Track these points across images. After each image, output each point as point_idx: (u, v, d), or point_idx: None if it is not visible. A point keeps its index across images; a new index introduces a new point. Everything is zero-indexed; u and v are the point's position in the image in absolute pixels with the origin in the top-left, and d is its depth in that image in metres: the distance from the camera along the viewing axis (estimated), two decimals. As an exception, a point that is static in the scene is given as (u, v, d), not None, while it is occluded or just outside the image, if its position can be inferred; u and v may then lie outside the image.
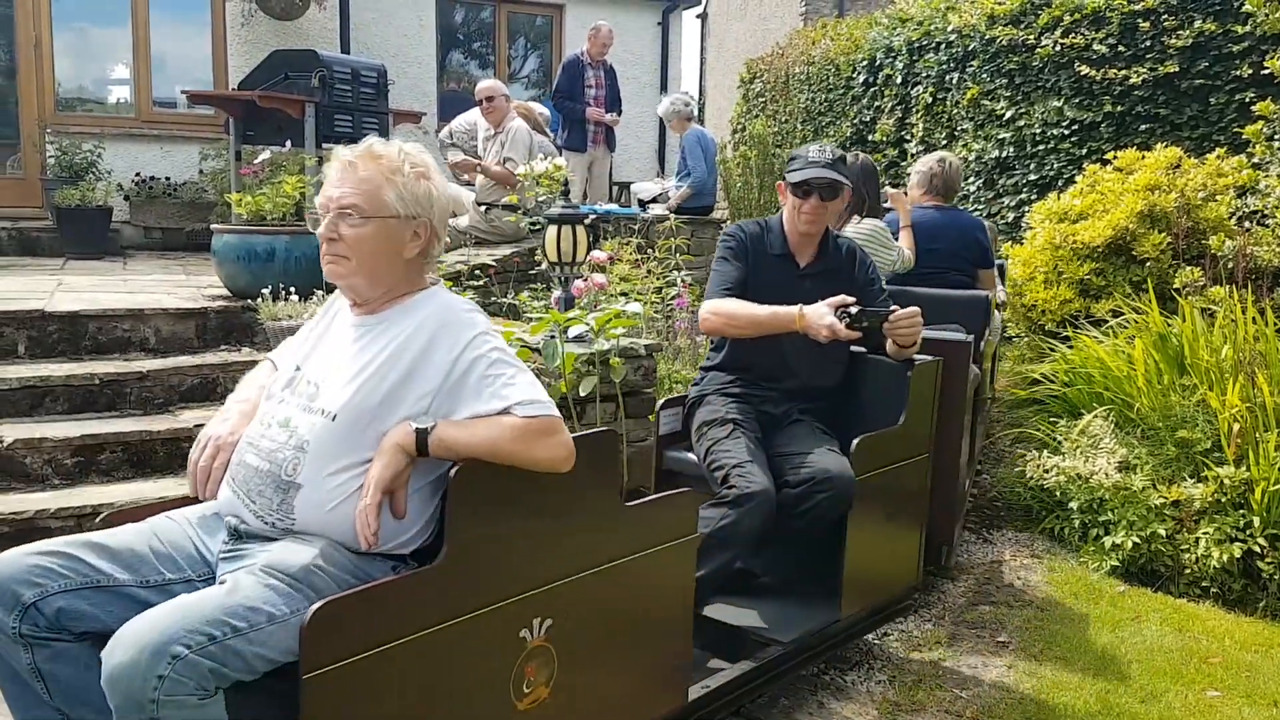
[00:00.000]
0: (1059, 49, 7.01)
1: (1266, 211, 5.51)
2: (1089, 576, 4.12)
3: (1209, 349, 4.45)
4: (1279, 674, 3.36)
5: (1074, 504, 4.33)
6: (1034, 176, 7.19)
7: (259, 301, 4.98)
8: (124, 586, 1.90)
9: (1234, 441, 4.05)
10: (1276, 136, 5.77)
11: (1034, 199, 6.95)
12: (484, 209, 7.25)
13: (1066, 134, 7.00)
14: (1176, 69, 6.47)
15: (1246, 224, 5.55)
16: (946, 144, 7.93)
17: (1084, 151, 6.89)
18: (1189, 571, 3.99)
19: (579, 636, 2.15)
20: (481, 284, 5.89)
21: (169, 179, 8.94)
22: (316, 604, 1.70)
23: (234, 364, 4.95)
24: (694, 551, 2.48)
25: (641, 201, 9.10)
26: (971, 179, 7.65)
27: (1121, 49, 6.75)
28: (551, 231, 4.99)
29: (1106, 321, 5.17)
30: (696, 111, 9.29)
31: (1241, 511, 3.96)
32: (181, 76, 9.48)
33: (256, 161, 6.30)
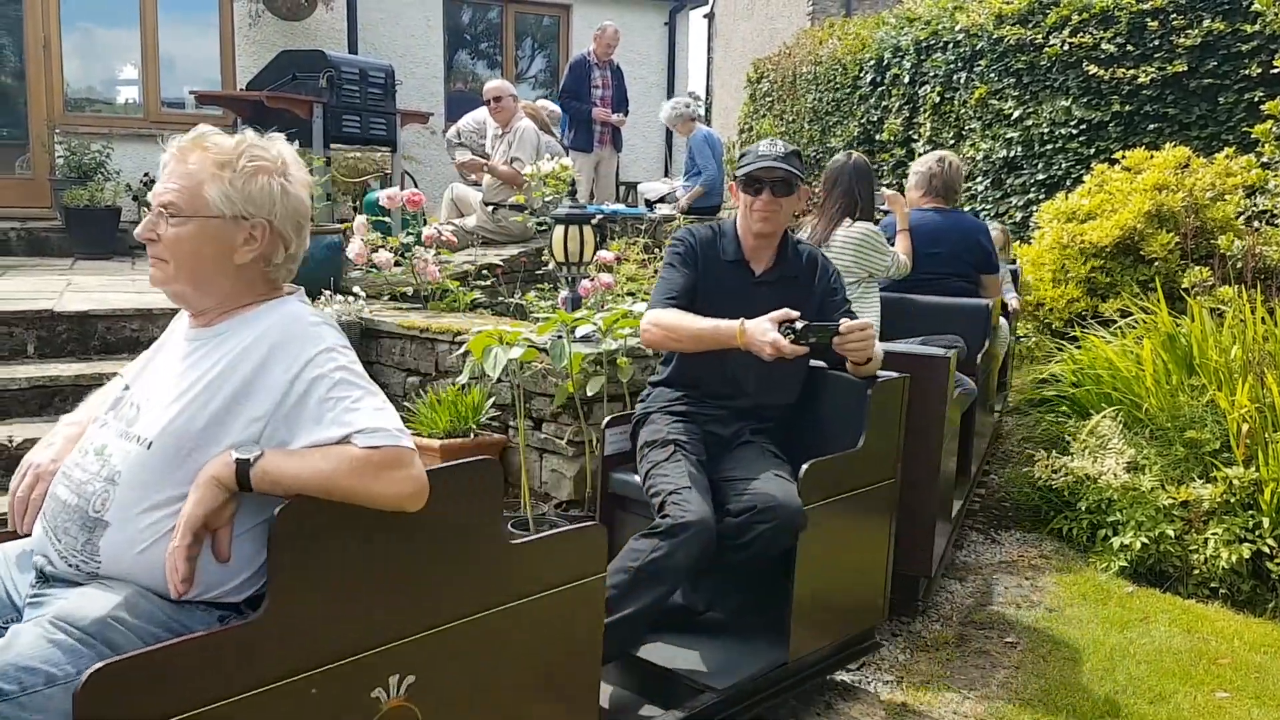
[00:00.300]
0: (1067, 48, 6.99)
1: (1275, 211, 5.50)
2: (1097, 577, 4.11)
3: (1218, 349, 4.43)
4: (1288, 675, 3.35)
5: (1082, 504, 4.32)
6: (1042, 176, 7.18)
7: (267, 301, 4.98)
8: None
9: (1243, 442, 4.04)
10: (1286, 136, 5.76)
11: (1042, 198, 6.94)
12: (491, 209, 7.26)
13: (1074, 133, 6.99)
14: (1185, 68, 6.46)
15: (1255, 223, 5.54)
16: (954, 143, 7.92)
17: (1092, 151, 6.88)
18: (1198, 572, 3.98)
19: (452, 694, 1.89)
20: (489, 284, 5.90)
21: (177, 179, 8.95)
22: (94, 666, 1.41)
23: (242, 364, 4.95)
24: (602, 593, 2.19)
25: (648, 201, 9.11)
26: (979, 178, 7.64)
27: (1130, 48, 6.74)
28: (559, 231, 5.00)
29: (1114, 321, 5.16)
30: (702, 111, 9.29)
31: (1250, 512, 3.94)
32: (189, 77, 9.50)
33: (264, 162, 6.30)
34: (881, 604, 3.23)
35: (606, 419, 3.21)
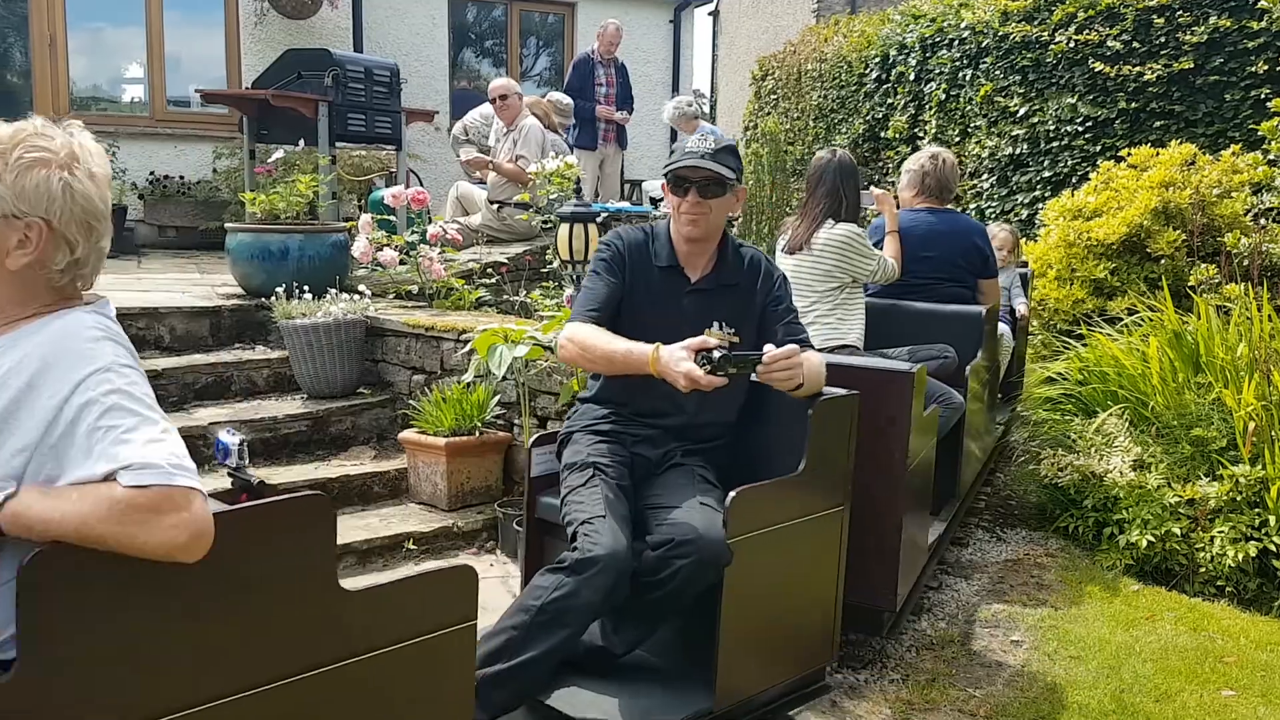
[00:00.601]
0: (1073, 45, 6.98)
1: (1282, 208, 5.48)
2: (1103, 575, 4.11)
3: (1224, 347, 4.42)
4: (1295, 674, 3.35)
5: (1088, 502, 4.31)
6: (1048, 173, 7.17)
7: (273, 300, 5.01)
8: None
9: (1249, 440, 4.03)
10: (1293, 133, 5.74)
11: (1048, 196, 6.93)
12: (496, 207, 7.27)
13: (1080, 131, 6.98)
14: (1191, 65, 6.44)
15: (1262, 221, 5.52)
16: (960, 141, 7.90)
17: (1098, 148, 6.87)
18: (1204, 570, 3.97)
19: None
20: (494, 282, 5.90)
21: (183, 178, 8.98)
22: None
23: (248, 362, 4.98)
24: (472, 645, 1.93)
25: (653, 199, 9.11)
26: (985, 176, 7.63)
27: (1136, 45, 6.72)
28: (564, 229, 5.01)
29: (1121, 319, 5.15)
30: (707, 108, 9.29)
31: (1257, 510, 3.93)
32: (195, 75, 9.52)
33: (270, 160, 6.33)
34: (831, 643, 2.95)
35: (533, 438, 2.96)
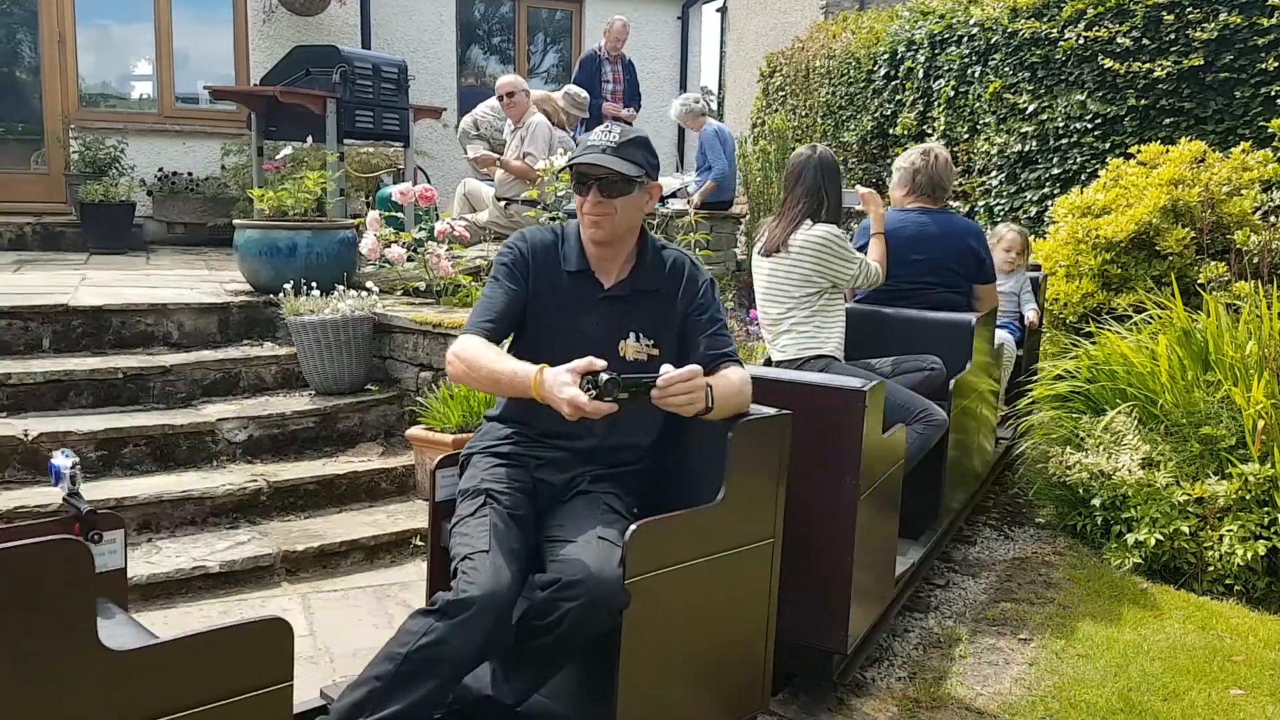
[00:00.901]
0: (1082, 42, 6.95)
1: (1292, 206, 5.46)
2: (1111, 574, 4.10)
3: (1233, 345, 4.40)
4: (1304, 673, 3.33)
5: (1096, 501, 4.30)
6: (1057, 170, 7.15)
7: (281, 296, 5.02)
8: None
9: (1258, 438, 4.02)
10: (1303, 130, 5.72)
11: (1057, 193, 6.90)
12: (503, 204, 7.27)
13: (1090, 128, 6.95)
14: (1201, 62, 6.41)
15: (1272, 218, 5.51)
16: (969, 138, 7.89)
17: (1107, 145, 6.85)
18: (1212, 569, 3.96)
19: None
20: (501, 279, 5.90)
21: (191, 174, 9.00)
22: None
23: (256, 359, 4.99)
24: (284, 713, 1.69)
25: (661, 197, 9.09)
26: (994, 173, 7.61)
27: (1145, 42, 6.69)
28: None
29: (1129, 317, 5.13)
30: (714, 105, 9.28)
31: (1266, 509, 3.92)
32: (204, 72, 9.54)
33: (278, 157, 6.34)
34: (761, 690, 2.70)
35: (437, 459, 2.68)
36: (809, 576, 2.83)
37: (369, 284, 5.24)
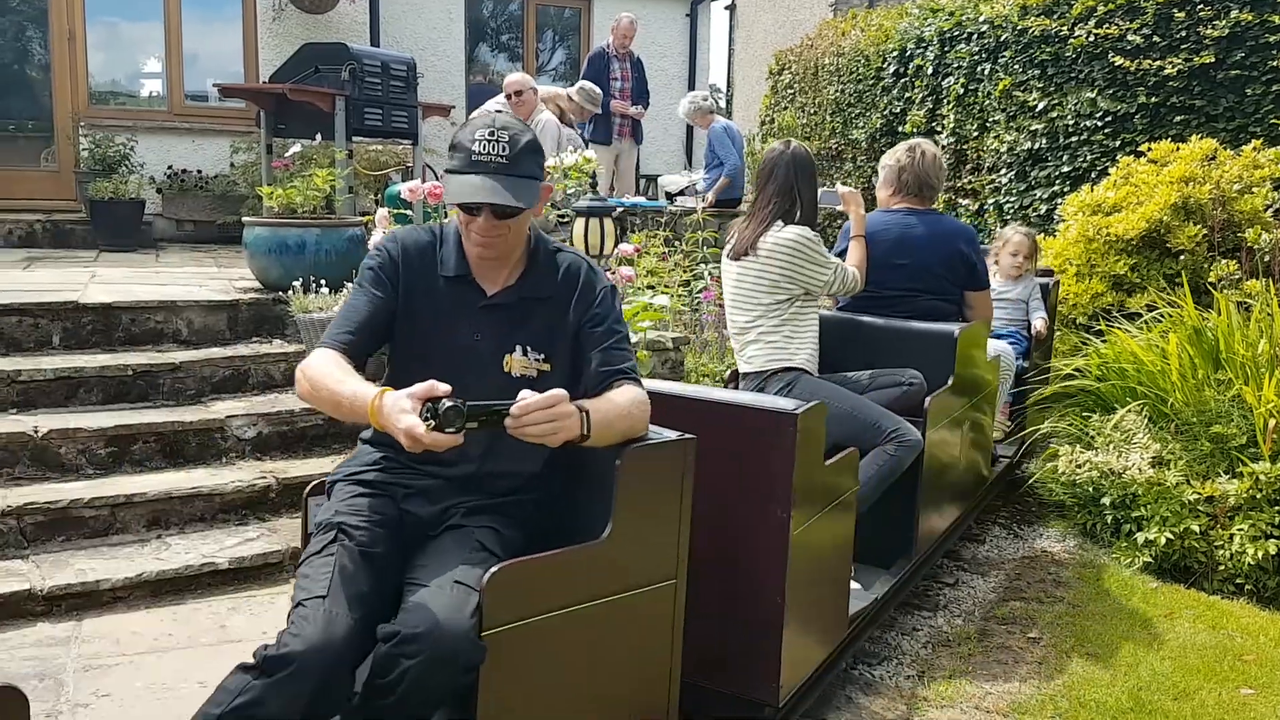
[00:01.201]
0: (1092, 39, 6.93)
1: (1304, 204, 5.44)
2: (1121, 573, 4.09)
3: (1245, 343, 4.39)
4: (1315, 673, 3.32)
5: (1107, 499, 4.29)
6: (1067, 168, 7.12)
7: (290, 294, 5.02)
8: None
9: (1269, 437, 4.00)
10: (1315, 127, 5.69)
11: (1067, 191, 6.88)
12: (512, 202, 7.26)
13: (1100, 125, 6.92)
14: (1212, 59, 6.38)
15: (1284, 216, 5.48)
16: (978, 135, 7.87)
17: (1118, 143, 6.81)
18: (1223, 568, 3.94)
19: None
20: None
21: (200, 172, 9.03)
22: None
23: (265, 356, 5.00)
24: None
25: (669, 194, 9.09)
26: (1003, 171, 7.58)
27: (1156, 39, 6.66)
28: (579, 224, 5.01)
29: (1140, 315, 5.11)
30: (723, 103, 9.27)
31: (1277, 508, 3.90)
32: (213, 70, 9.56)
33: (287, 155, 6.34)
34: None
35: (310, 484, 2.44)
36: (733, 620, 2.58)
37: (378, 281, 5.23)
